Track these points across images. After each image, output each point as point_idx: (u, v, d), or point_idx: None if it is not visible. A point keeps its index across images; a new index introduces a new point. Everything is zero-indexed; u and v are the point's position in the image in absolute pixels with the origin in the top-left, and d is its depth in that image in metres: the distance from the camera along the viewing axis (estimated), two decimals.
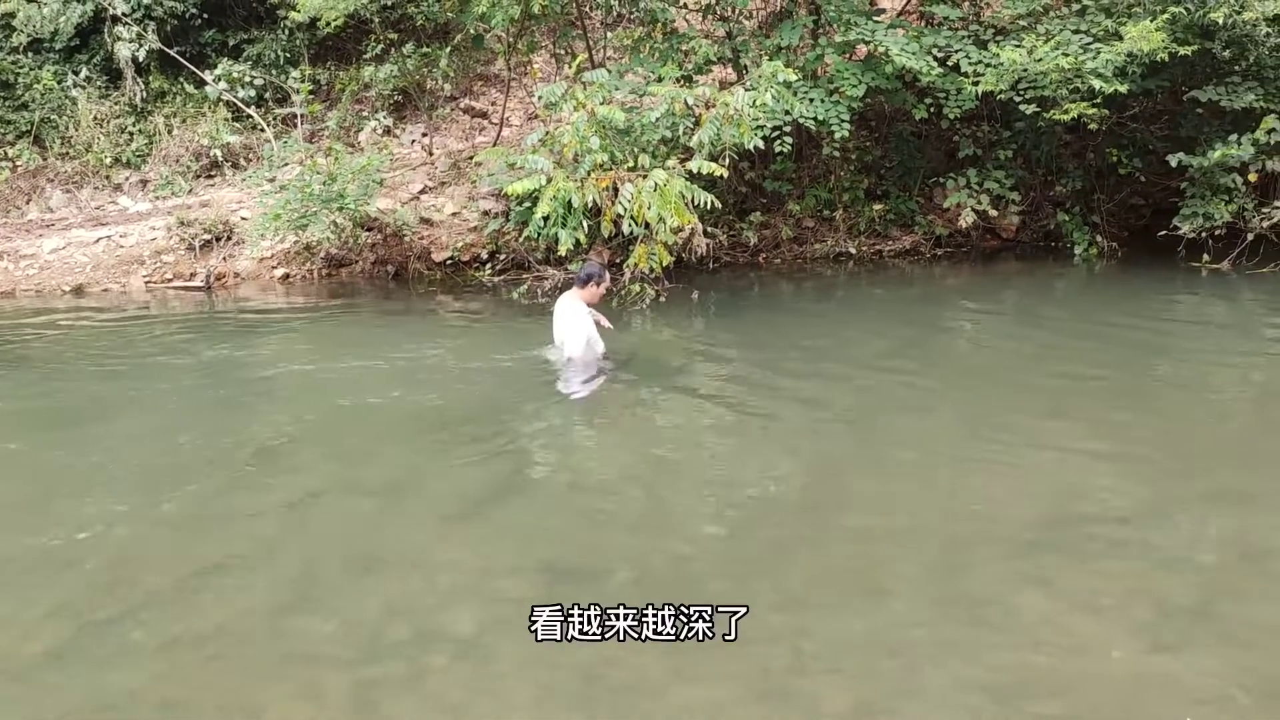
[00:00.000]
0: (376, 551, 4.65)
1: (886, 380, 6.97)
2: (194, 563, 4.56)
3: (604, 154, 8.37)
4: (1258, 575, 4.21)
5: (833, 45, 9.99)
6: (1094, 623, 3.83)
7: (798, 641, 3.81)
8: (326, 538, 4.82)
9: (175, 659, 3.84)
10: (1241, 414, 6.34)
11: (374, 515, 5.06)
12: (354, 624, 4.05)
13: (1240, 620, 3.85)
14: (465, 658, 3.80)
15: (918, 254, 11.28)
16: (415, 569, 4.50)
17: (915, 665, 3.65)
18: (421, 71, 12.92)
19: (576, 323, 7.05)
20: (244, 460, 5.77)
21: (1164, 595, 4.02)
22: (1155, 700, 3.39)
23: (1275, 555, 4.38)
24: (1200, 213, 9.95)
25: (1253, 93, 9.68)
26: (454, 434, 6.10)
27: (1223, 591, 4.07)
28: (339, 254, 10.76)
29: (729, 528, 4.87)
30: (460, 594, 4.27)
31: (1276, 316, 8.54)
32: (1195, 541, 4.50)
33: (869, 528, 4.77)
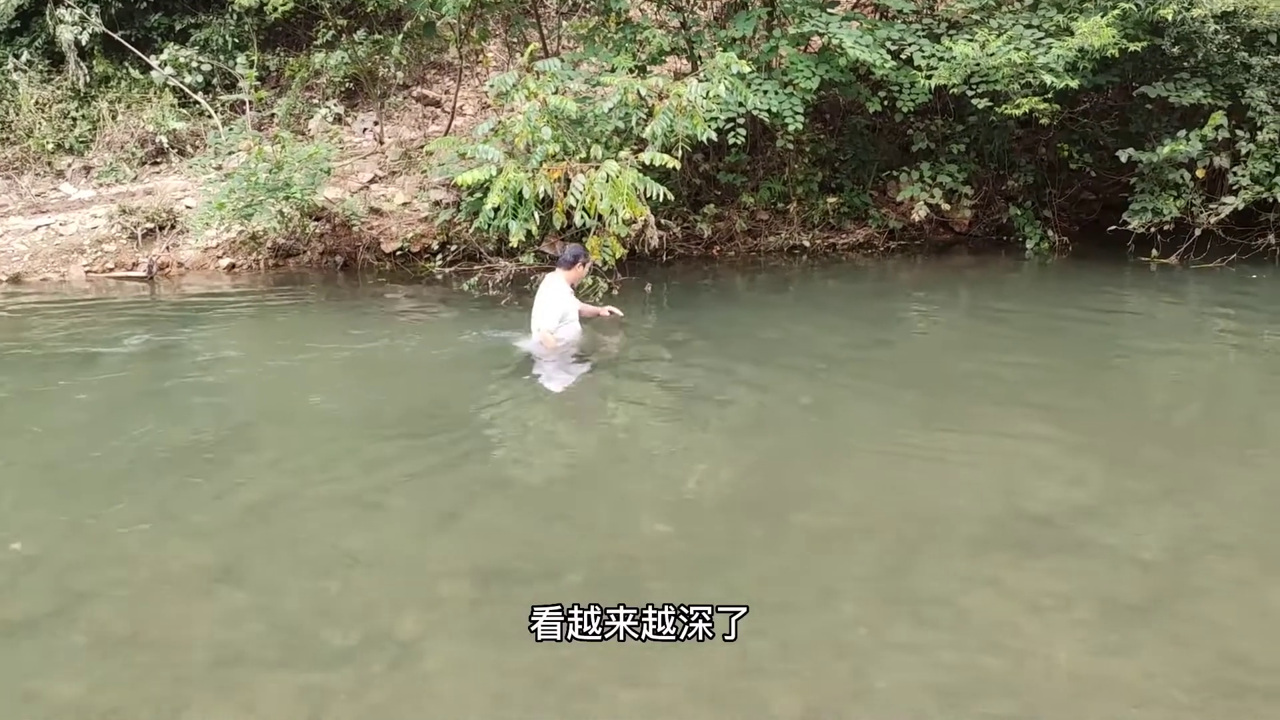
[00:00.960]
0: (319, 552, 4.55)
1: (840, 375, 6.95)
2: (128, 565, 4.44)
3: (556, 144, 8.27)
4: (1202, 572, 4.23)
5: (787, 37, 9.95)
6: (1041, 623, 3.82)
7: (747, 643, 3.76)
8: (267, 538, 4.71)
9: (109, 665, 3.72)
10: (1187, 409, 6.40)
11: (318, 515, 4.94)
12: (295, 628, 3.95)
13: (1183, 618, 3.86)
14: (409, 663, 3.72)
15: (871, 247, 11.29)
16: (360, 570, 4.40)
17: (864, 667, 3.62)
18: (373, 59, 12.71)
19: (553, 299, 7.26)
20: (181, 457, 5.62)
21: (1110, 594, 4.02)
22: (1099, 702, 3.38)
23: (1218, 551, 4.39)
24: (1149, 208, 10.04)
25: (1201, 89, 9.76)
26: (403, 430, 5.99)
27: (1167, 589, 4.08)
28: (286, 244, 10.56)
29: (680, 526, 4.81)
30: (406, 596, 4.18)
31: (1223, 312, 8.63)
32: (1141, 538, 4.51)
33: (820, 526, 4.74)
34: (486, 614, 4.05)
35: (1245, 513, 4.74)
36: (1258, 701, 3.38)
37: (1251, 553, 4.36)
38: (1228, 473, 5.23)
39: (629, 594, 4.11)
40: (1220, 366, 7.31)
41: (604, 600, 4.04)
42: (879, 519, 4.76)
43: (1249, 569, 4.23)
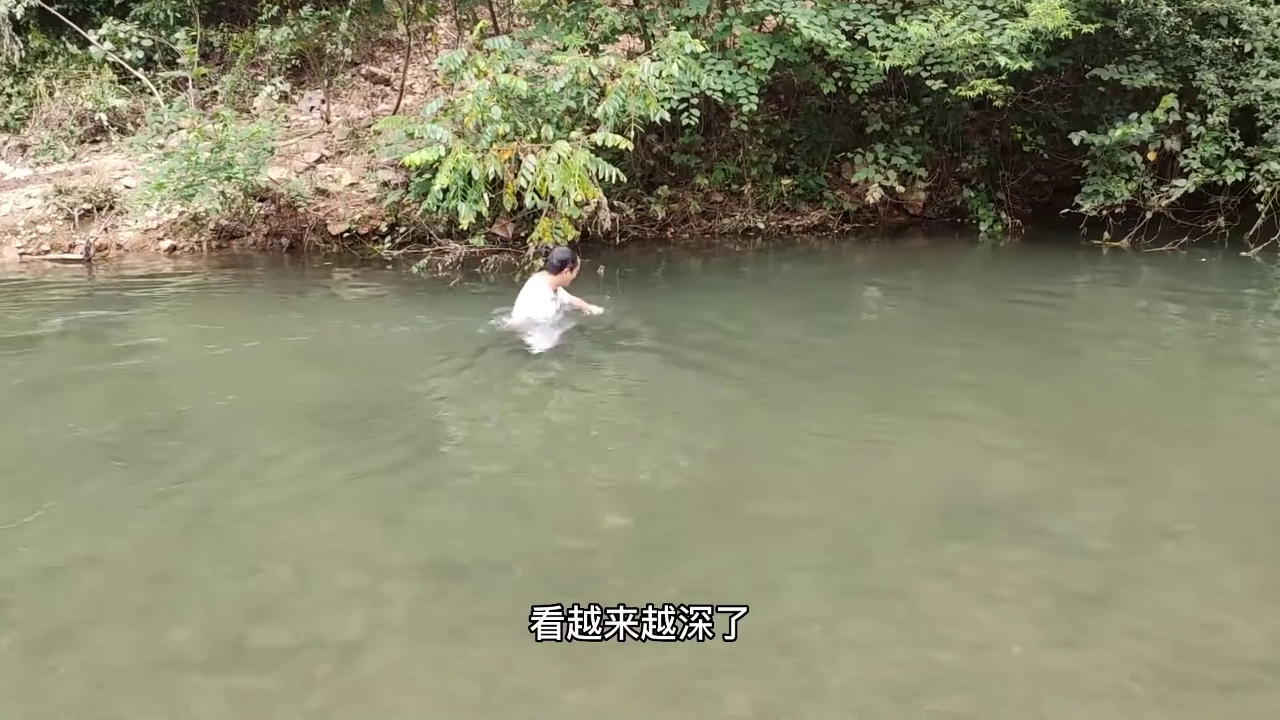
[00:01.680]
0: (258, 549, 4.40)
1: (793, 361, 6.87)
2: (49, 563, 4.25)
3: (506, 124, 8.09)
4: (1153, 561, 4.20)
5: (741, 16, 9.83)
6: (995, 616, 3.77)
7: (695, 641, 3.67)
8: (203, 534, 4.54)
9: (25, 670, 3.55)
10: (1136, 394, 6.38)
11: (257, 509, 4.77)
12: (229, 630, 3.80)
13: (1136, 609, 3.82)
14: (351, 665, 3.58)
15: (826, 230, 11.23)
16: (299, 568, 4.25)
17: (816, 664, 3.55)
18: (320, 35, 12.42)
19: (543, 302, 7.36)
20: (112, 448, 5.42)
21: (1063, 584, 3.98)
22: (1054, 696, 3.33)
23: (1170, 538, 4.38)
24: (1101, 191, 10.06)
25: (1153, 72, 9.78)
26: (349, 419, 5.83)
27: (1120, 579, 4.04)
28: (230, 225, 10.29)
29: (630, 518, 4.72)
30: (349, 595, 4.04)
31: (1173, 296, 8.66)
32: (1094, 526, 4.47)
33: (772, 516, 4.66)
34: (433, 613, 3.93)
35: (1195, 499, 4.73)
36: (1213, 694, 3.35)
37: (1202, 540, 4.35)
38: (1177, 458, 5.23)
39: (579, 589, 4.01)
40: (1169, 351, 7.33)
41: (550, 597, 3.95)
42: (831, 509, 4.69)
43: (1200, 557, 4.21)
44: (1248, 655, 3.53)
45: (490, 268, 9.16)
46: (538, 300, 7.44)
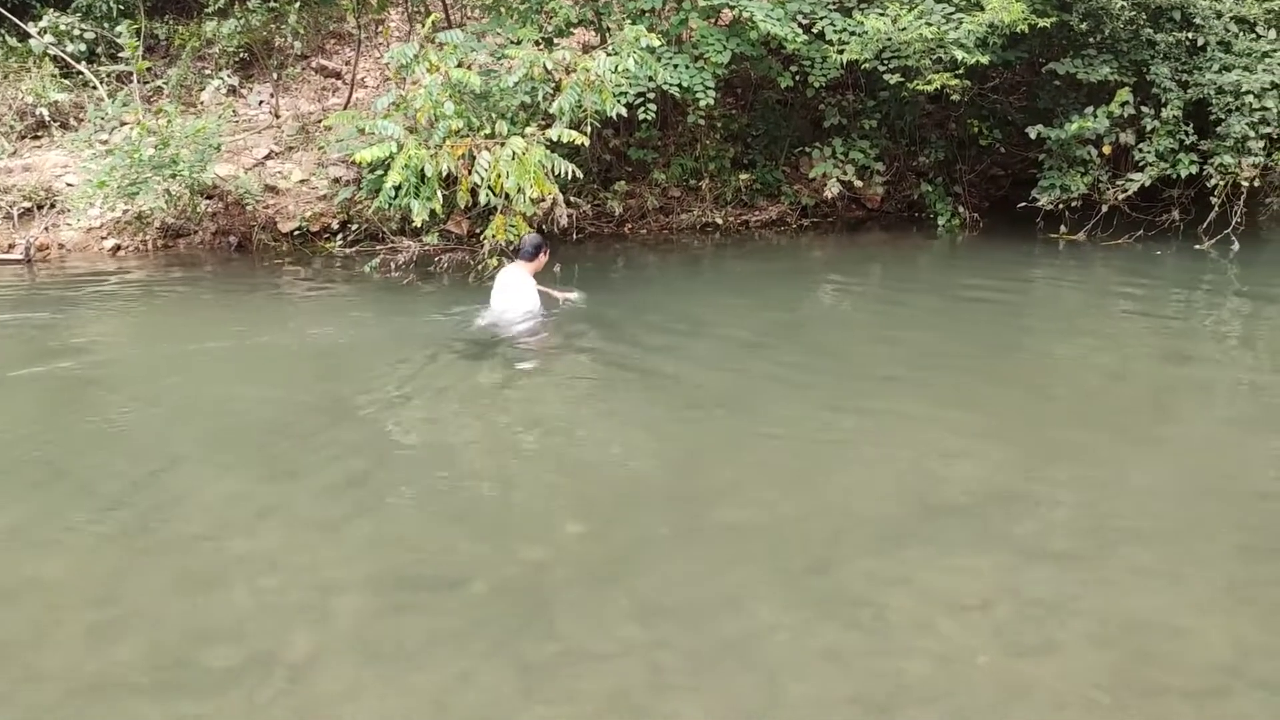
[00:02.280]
0: (203, 564, 4.23)
1: (752, 361, 6.79)
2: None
3: (459, 120, 7.94)
4: (1114, 563, 4.15)
5: (697, 10, 9.72)
6: (960, 624, 3.70)
7: (655, 655, 3.58)
8: (144, 548, 4.38)
9: None
10: (1094, 390, 6.36)
11: (202, 522, 4.61)
12: (173, 650, 3.65)
13: (1099, 614, 3.77)
14: (299, 686, 3.45)
15: (784, 224, 11.17)
16: (245, 585, 4.10)
17: (780, 676, 3.46)
18: (269, 27, 12.15)
19: (524, 290, 7.52)
20: (49, 457, 5.23)
21: (1026, 589, 3.92)
22: (1021, 707, 3.27)
23: (1131, 540, 4.33)
24: (1057, 184, 10.09)
25: (1107, 65, 9.81)
26: (299, 425, 5.67)
27: (1082, 582, 3.99)
28: (176, 224, 10.03)
29: (588, 525, 4.61)
30: (298, 612, 3.90)
31: (1129, 291, 8.69)
32: (1055, 528, 4.43)
33: (733, 522, 4.57)
34: (384, 629, 3.80)
35: (1154, 499, 4.70)
36: (1176, 701, 3.31)
37: (1163, 540, 4.31)
38: (1136, 456, 5.20)
39: (535, 601, 3.92)
40: (1125, 346, 7.33)
41: (505, 610, 3.85)
42: (793, 513, 4.61)
43: (1162, 558, 4.17)
44: (1212, 659, 3.49)
45: (444, 266, 9.00)
46: (520, 288, 7.57)
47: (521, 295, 7.57)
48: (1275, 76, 9.41)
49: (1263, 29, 9.75)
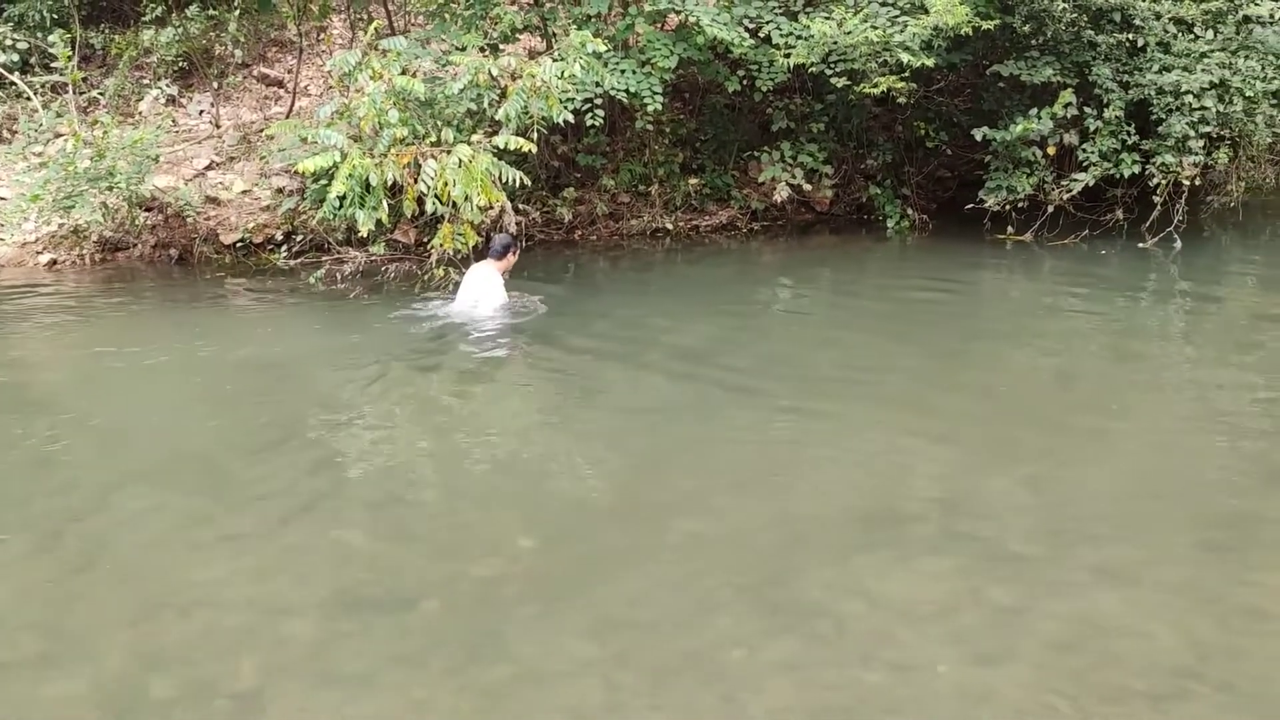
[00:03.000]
0: (145, 591, 4.09)
1: (706, 367, 6.73)
2: None
3: (404, 128, 7.82)
4: (1072, 565, 4.13)
5: (643, 15, 9.67)
6: (919, 632, 3.66)
7: (613, 673, 3.51)
8: (84, 575, 4.23)
9: None
10: (1044, 391, 6.38)
11: (144, 547, 4.47)
12: (120, 682, 3.53)
13: (1058, 618, 3.75)
14: (247, 716, 3.34)
15: (734, 229, 11.15)
16: (191, 610, 3.97)
17: (740, 691, 3.40)
18: (208, 36, 11.91)
19: (494, 288, 7.67)
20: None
21: (985, 595, 3.90)
22: (981, 717, 3.23)
23: (1087, 541, 4.32)
24: (1003, 185, 10.15)
25: (1050, 67, 9.90)
26: (243, 442, 5.53)
27: (1040, 586, 3.97)
28: (114, 237, 9.78)
29: (544, 539, 4.53)
30: (245, 638, 3.77)
31: (1076, 290, 8.75)
32: (1012, 531, 4.41)
33: (689, 534, 4.51)
34: (334, 653, 3.69)
35: (1109, 499, 4.71)
36: (1140, 705, 3.29)
37: (1119, 541, 4.31)
38: (1090, 456, 5.21)
39: (489, 620, 3.84)
40: (1075, 346, 7.37)
41: (459, 630, 3.76)
42: (750, 523, 4.56)
43: (1118, 559, 4.17)
44: (1173, 661, 3.49)
45: (391, 276, 8.86)
46: (489, 285, 7.72)
47: (489, 293, 7.70)
48: (1213, 76, 9.55)
49: (1200, 30, 9.89)
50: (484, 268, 7.85)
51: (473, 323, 7.58)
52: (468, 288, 7.82)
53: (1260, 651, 3.52)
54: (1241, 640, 3.60)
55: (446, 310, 7.80)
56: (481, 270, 7.84)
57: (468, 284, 7.84)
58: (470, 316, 7.64)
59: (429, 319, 7.74)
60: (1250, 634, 3.62)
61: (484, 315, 7.63)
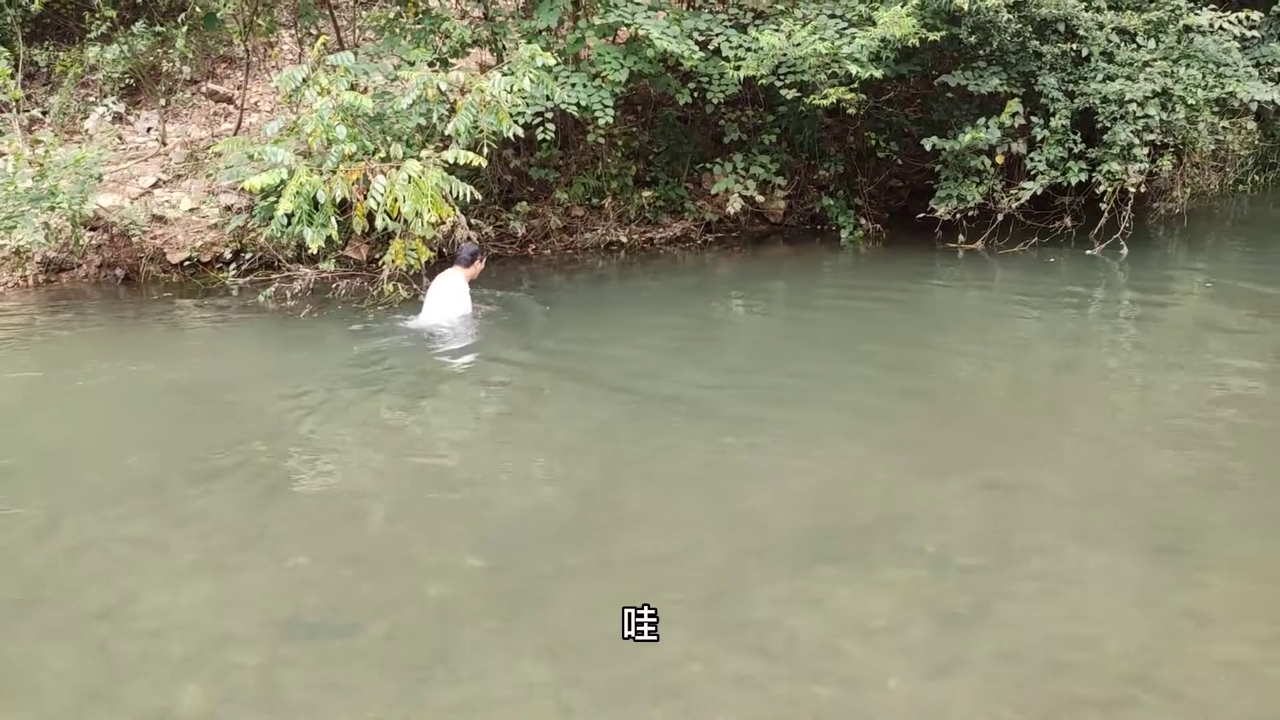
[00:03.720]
0: (86, 621, 4.00)
1: (659, 382, 6.71)
2: None
3: (353, 144, 7.75)
4: (1023, 574, 4.16)
5: (593, 28, 9.66)
6: (870, 646, 3.66)
7: (564, 693, 3.48)
8: (22, 603, 4.13)
9: None
10: (996, 400, 6.44)
11: (85, 575, 4.37)
12: (54, 713, 3.44)
13: (1009, 627, 3.77)
14: None
15: (689, 241, 11.15)
16: (134, 639, 3.89)
17: (692, 709, 3.38)
18: (156, 52, 11.74)
19: (461, 295, 7.83)
20: None
21: (937, 606, 3.90)
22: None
23: (1038, 550, 4.34)
24: (954, 194, 10.24)
25: (997, 77, 10.00)
26: (191, 464, 5.42)
27: (992, 596, 3.99)
28: (58, 257, 9.61)
29: (493, 559, 4.48)
30: (188, 666, 3.70)
31: (1026, 297, 8.84)
32: (964, 541, 4.42)
33: (643, 549, 4.48)
34: (281, 680, 3.63)
35: (1060, 506, 4.74)
36: (1089, 714, 3.31)
37: (1070, 549, 4.34)
38: (1041, 465, 5.24)
39: (435, 643, 3.79)
40: (1025, 354, 7.44)
41: (405, 654, 3.71)
42: (704, 537, 4.54)
43: (1069, 567, 4.20)
44: (1121, 669, 3.51)
45: (341, 293, 8.76)
46: (456, 294, 7.84)
47: (456, 302, 7.83)
48: (1156, 85, 9.69)
49: (1143, 39, 10.04)
50: (451, 275, 7.95)
51: (435, 336, 7.62)
52: (435, 296, 7.88)
53: (1205, 657, 3.55)
54: (1187, 646, 3.63)
55: (415, 323, 7.83)
56: (449, 278, 7.93)
57: (435, 293, 7.90)
58: (436, 328, 7.70)
59: (395, 333, 7.72)
60: (1196, 639, 3.66)
61: (449, 326, 7.72)
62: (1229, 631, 3.69)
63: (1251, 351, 7.13)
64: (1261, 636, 3.65)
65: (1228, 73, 9.93)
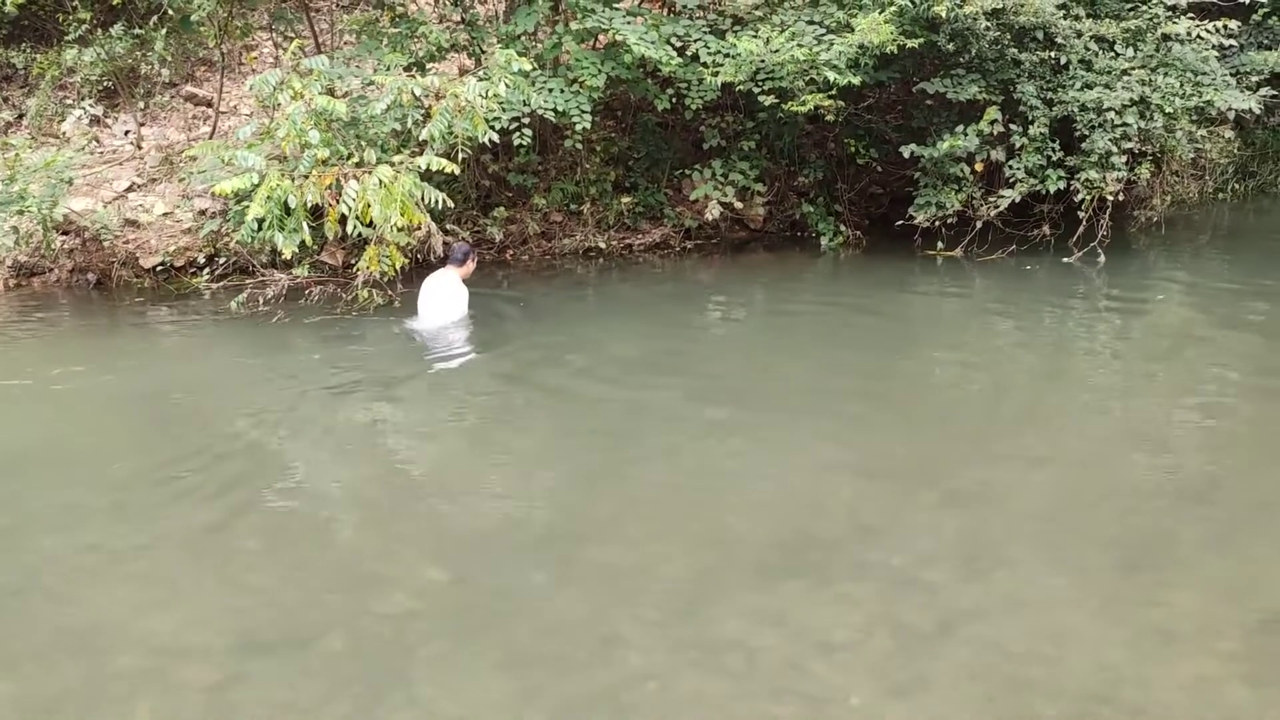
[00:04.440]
0: (35, 634, 3.93)
1: (634, 389, 6.67)
2: None
3: (326, 149, 7.68)
4: (987, 591, 4.11)
5: (571, 33, 9.60)
6: (833, 663, 3.61)
7: (522, 711, 3.42)
8: None
9: None
10: (970, 411, 6.36)
11: (35, 581, 4.31)
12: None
13: (971, 644, 3.72)
14: None
15: (668, 247, 11.10)
16: (85, 654, 3.81)
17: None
18: (134, 55, 11.63)
19: (459, 295, 7.94)
20: None
21: (900, 622, 3.85)
22: None
23: (1004, 565, 4.29)
24: (933, 202, 10.22)
25: (976, 85, 9.98)
26: (153, 472, 5.36)
27: (955, 612, 3.93)
28: (30, 262, 9.51)
29: (456, 571, 4.42)
30: (140, 684, 3.63)
31: (1004, 306, 8.82)
32: (930, 556, 4.37)
33: (608, 563, 4.42)
34: (233, 698, 3.56)
35: (1028, 522, 4.69)
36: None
37: (1035, 565, 4.29)
38: (1012, 478, 5.19)
39: (396, 658, 3.72)
40: (1001, 363, 7.41)
41: (362, 672, 3.64)
42: (669, 551, 4.48)
43: (1033, 583, 4.14)
44: (1081, 686, 3.47)
45: (315, 299, 8.68)
46: (454, 294, 7.94)
47: (454, 301, 7.93)
48: (1134, 93, 9.69)
49: (1121, 47, 10.04)
50: (446, 275, 8.02)
51: (434, 338, 7.71)
52: (431, 296, 7.92)
53: (1169, 675, 3.51)
54: (1151, 664, 3.59)
55: (415, 324, 7.87)
56: (444, 277, 8.00)
57: (430, 293, 7.94)
58: (439, 330, 7.80)
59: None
60: (1159, 658, 3.62)
61: (451, 325, 7.83)
62: (1195, 648, 3.65)
63: (1228, 360, 7.11)
64: (1228, 653, 3.61)
65: (1205, 81, 9.93)
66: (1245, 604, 3.91)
